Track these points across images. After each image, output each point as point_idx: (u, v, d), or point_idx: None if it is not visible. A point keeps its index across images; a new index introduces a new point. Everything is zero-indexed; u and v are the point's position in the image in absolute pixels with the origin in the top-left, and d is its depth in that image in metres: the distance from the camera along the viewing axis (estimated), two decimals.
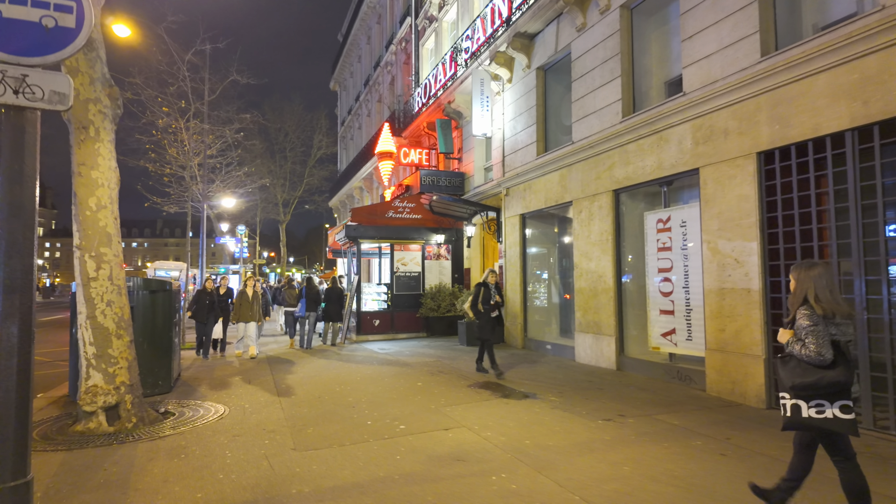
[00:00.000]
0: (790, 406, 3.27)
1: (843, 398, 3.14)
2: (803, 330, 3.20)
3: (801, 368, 3.20)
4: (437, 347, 12.51)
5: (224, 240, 36.42)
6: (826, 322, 3.18)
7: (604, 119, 9.52)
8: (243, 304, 11.37)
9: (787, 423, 3.31)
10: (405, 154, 17.46)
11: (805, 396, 3.19)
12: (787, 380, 3.25)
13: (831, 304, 3.20)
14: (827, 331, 3.16)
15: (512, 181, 12.56)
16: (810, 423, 3.19)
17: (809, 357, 3.14)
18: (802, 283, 3.31)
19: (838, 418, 3.12)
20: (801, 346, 3.20)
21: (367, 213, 14.80)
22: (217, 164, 20.61)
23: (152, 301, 8.00)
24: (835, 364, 3.14)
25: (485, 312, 9.21)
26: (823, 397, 3.16)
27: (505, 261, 12.93)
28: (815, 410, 3.17)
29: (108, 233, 6.30)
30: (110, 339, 6.19)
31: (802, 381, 3.17)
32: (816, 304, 3.21)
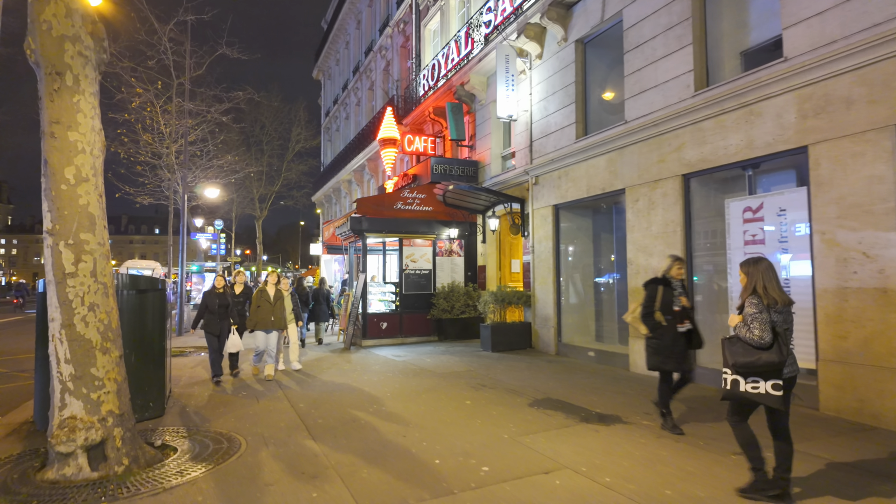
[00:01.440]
0: (730, 380, 3.80)
1: (775, 377, 3.64)
2: (750, 316, 3.69)
3: (744, 349, 3.69)
4: (459, 354, 11.13)
5: (198, 236, 34.33)
6: (769, 310, 3.69)
7: (669, 94, 8.29)
8: (262, 306, 8.88)
9: (726, 394, 3.85)
10: (409, 141, 16.02)
11: (744, 373, 3.71)
12: (731, 358, 3.76)
13: (775, 294, 3.71)
14: (769, 318, 3.66)
15: (542, 168, 11.26)
16: (745, 396, 3.73)
17: (752, 340, 3.63)
18: (752, 276, 3.81)
19: (769, 394, 3.65)
20: (746, 329, 3.68)
21: (374, 204, 13.34)
22: (197, 152, 18.83)
23: (141, 303, 6.44)
24: (772, 347, 3.62)
25: (668, 327, 5.61)
26: (759, 375, 3.67)
27: (532, 257, 11.63)
28: (751, 386, 3.70)
29: (91, 214, 4.77)
30: (93, 355, 4.67)
31: (744, 360, 3.67)
32: (763, 294, 3.71)
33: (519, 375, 8.72)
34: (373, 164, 22.90)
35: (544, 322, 11.15)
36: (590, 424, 5.82)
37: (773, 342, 3.64)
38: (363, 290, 12.84)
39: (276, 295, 9.06)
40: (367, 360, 10.64)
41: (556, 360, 10.12)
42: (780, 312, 3.73)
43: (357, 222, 12.97)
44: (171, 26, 13.96)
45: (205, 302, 8.82)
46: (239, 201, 41.48)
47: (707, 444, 5.08)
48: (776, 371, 3.65)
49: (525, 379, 8.43)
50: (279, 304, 9.01)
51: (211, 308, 8.65)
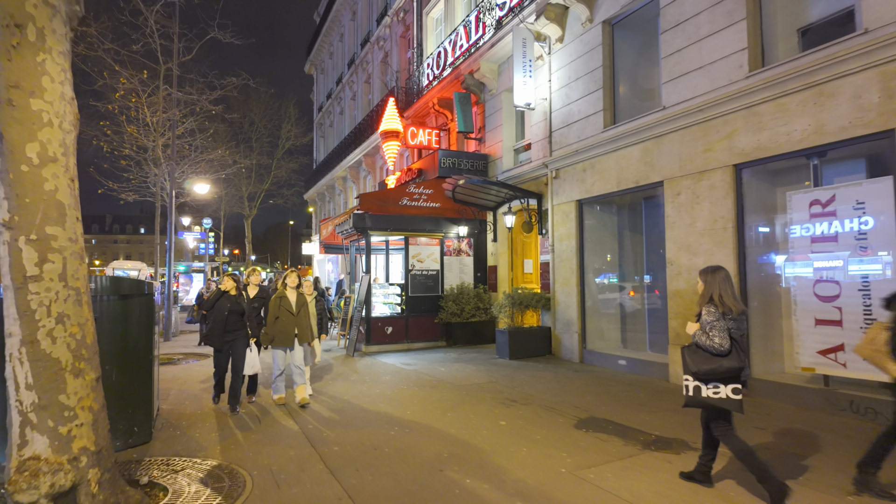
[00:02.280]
0: (692, 387, 3.94)
1: (734, 382, 3.81)
2: (708, 324, 3.85)
3: (704, 356, 3.85)
4: (474, 362, 10.25)
5: (185, 235, 33.12)
6: (725, 318, 3.84)
7: (716, 76, 7.47)
8: (283, 317, 6.92)
9: (688, 401, 3.98)
10: (413, 134, 15.11)
11: (705, 380, 3.87)
12: (693, 366, 3.89)
13: (732, 304, 3.86)
14: (726, 325, 3.82)
15: (563, 161, 10.42)
16: (707, 402, 3.87)
17: (712, 347, 3.78)
18: (710, 285, 3.96)
19: (730, 398, 3.80)
20: (706, 337, 3.84)
21: (378, 200, 12.41)
22: (186, 146, 17.77)
23: (124, 310, 5.49)
24: (731, 353, 3.79)
25: None
26: (720, 381, 3.83)
27: (552, 257, 10.78)
28: (713, 391, 3.85)
29: (60, 202, 3.83)
30: (63, 379, 3.72)
31: (706, 368, 3.82)
32: (719, 302, 3.87)
33: (548, 388, 7.85)
34: (370, 160, 21.96)
35: (566, 327, 10.30)
36: (656, 452, 4.96)
37: (731, 349, 3.78)
38: (367, 292, 11.92)
39: (299, 301, 7.06)
40: (375, 370, 9.72)
41: (584, 370, 9.27)
42: (735, 320, 3.87)
43: (360, 219, 12.04)
44: (158, 7, 12.93)
45: (212, 308, 6.87)
46: (227, 200, 40.27)
47: (811, 481, 4.24)
48: (736, 376, 3.79)
49: (557, 392, 7.56)
50: (303, 314, 7.04)
51: (219, 316, 6.75)
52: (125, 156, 17.19)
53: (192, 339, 15.48)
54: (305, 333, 7.09)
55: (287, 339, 6.94)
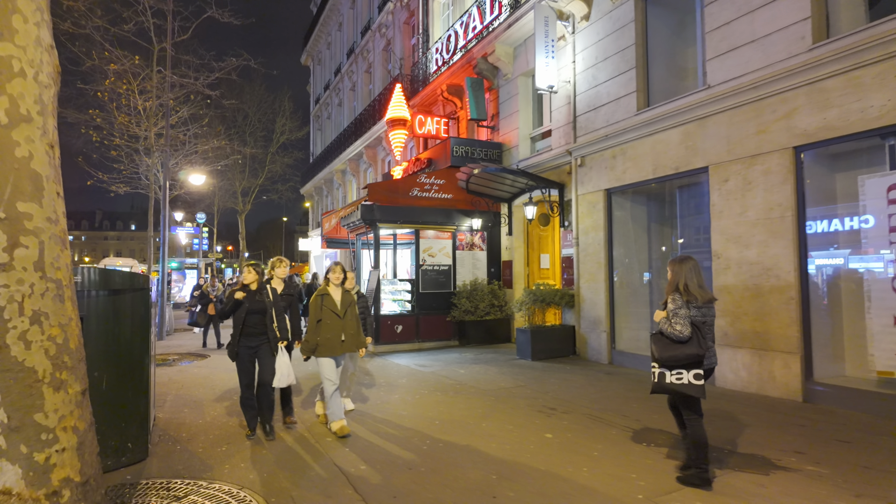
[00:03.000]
0: (657, 373, 4.01)
1: (696, 368, 3.88)
2: (672, 312, 3.94)
3: (667, 343, 3.94)
4: (494, 363, 9.54)
5: (178, 230, 32.22)
6: (689, 306, 3.93)
7: (772, 49, 6.78)
8: (327, 319, 5.45)
9: (654, 387, 4.05)
10: (420, 123, 14.35)
11: (669, 366, 3.94)
12: (657, 353, 3.97)
13: (697, 293, 3.95)
14: (689, 313, 3.91)
15: (589, 148, 9.71)
16: (671, 387, 3.94)
17: (673, 334, 3.88)
18: (677, 274, 4.04)
19: (692, 384, 3.87)
20: (668, 325, 3.93)
21: (387, 191, 11.66)
22: (181, 135, 16.91)
23: (116, 308, 4.72)
24: (692, 341, 3.86)
25: None
26: (683, 367, 3.89)
27: (576, 251, 10.08)
28: (675, 377, 3.91)
29: (36, 173, 3.06)
30: (40, 393, 2.97)
31: (668, 354, 3.90)
32: (684, 291, 3.96)
33: (584, 394, 7.15)
34: (371, 152, 21.18)
35: (593, 326, 9.60)
36: (741, 473, 4.26)
37: (691, 336, 3.86)
38: (376, 288, 11.17)
39: (345, 301, 5.57)
40: (389, 372, 8.99)
41: (615, 372, 8.58)
42: (700, 308, 3.97)
43: (368, 211, 11.29)
44: None
45: (228, 308, 5.48)
46: (220, 195, 39.31)
47: None
48: (697, 363, 3.88)
49: (596, 398, 6.86)
50: (350, 315, 5.57)
51: (237, 318, 5.43)
52: (115, 146, 16.34)
53: (188, 337, 14.68)
54: (354, 338, 5.61)
55: (333, 347, 5.45)
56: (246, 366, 5.47)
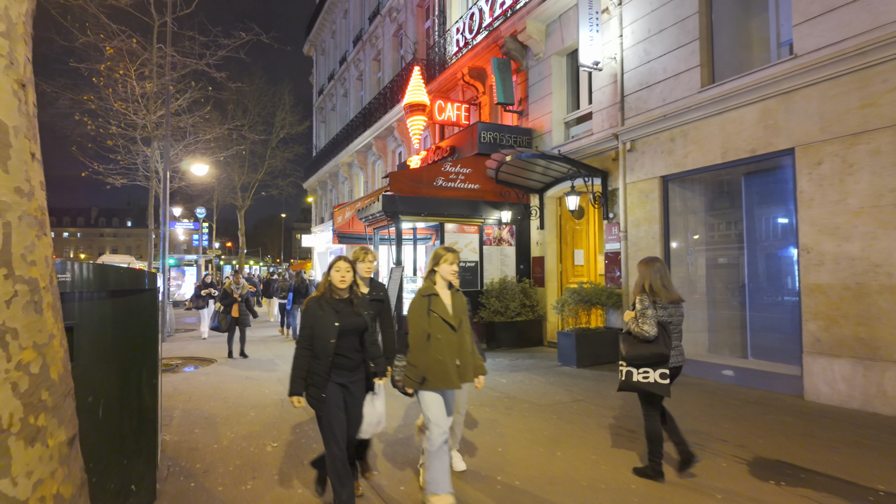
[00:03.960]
0: (625, 372, 4.06)
1: (662, 367, 3.93)
2: (639, 312, 3.99)
3: (634, 342, 4.00)
4: (537, 371, 8.56)
5: (176, 225, 31.16)
6: (655, 306, 3.97)
7: (883, 8, 5.80)
8: (438, 332, 3.58)
9: (622, 385, 4.09)
10: (440, 108, 13.35)
11: (636, 365, 3.99)
12: (625, 351, 4.04)
13: (661, 293, 4.00)
14: (655, 313, 3.95)
15: (641, 130, 8.73)
16: (638, 386, 3.99)
17: (640, 333, 3.94)
18: (643, 275, 4.10)
19: (658, 382, 3.92)
20: (636, 325, 3.98)
21: (410, 180, 10.65)
22: (181, 123, 15.87)
23: (117, 314, 3.72)
24: (658, 340, 3.91)
25: None
26: (649, 366, 3.95)
27: (624, 246, 9.10)
28: (642, 376, 3.96)
29: (3, 125, 2.06)
30: (4, 449, 1.98)
31: (635, 353, 3.98)
32: (651, 292, 4.01)
33: None
34: (381, 143, 20.16)
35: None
36: None
37: (658, 335, 3.92)
38: (399, 288, 10.18)
39: (457, 306, 3.73)
40: None
41: (680, 383, 7.60)
42: (666, 308, 4.02)
43: (390, 202, 10.29)
44: None
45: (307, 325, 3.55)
46: (220, 190, 38.24)
47: None
48: (663, 361, 3.93)
49: (676, 416, 5.88)
50: (464, 327, 3.72)
51: (323, 343, 3.49)
52: (112, 134, 15.29)
53: (190, 339, 13.67)
54: (471, 362, 3.76)
55: (447, 375, 3.58)
56: (336, 414, 3.49)
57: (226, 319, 10.31)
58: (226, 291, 10.44)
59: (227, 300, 10.35)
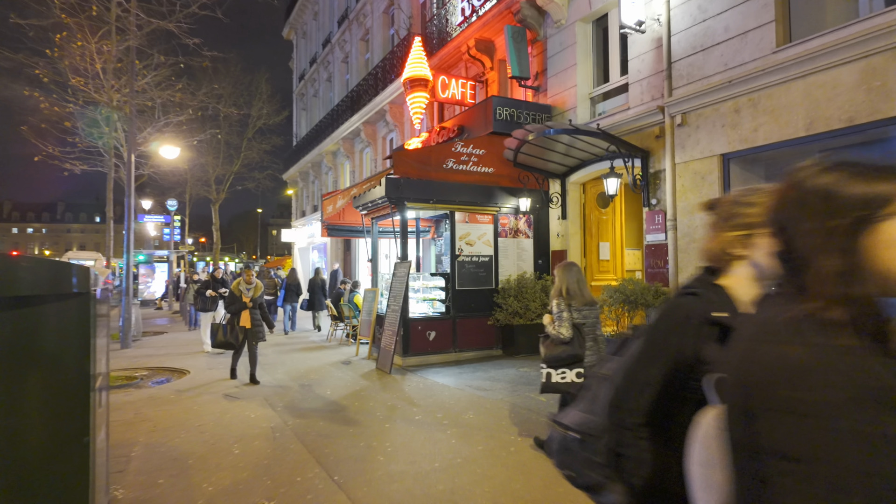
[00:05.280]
0: (545, 374, 4.23)
1: (578, 366, 4.11)
2: (555, 315, 4.18)
3: (551, 344, 4.19)
4: None
5: (146, 219, 29.14)
6: (571, 309, 4.15)
7: None
8: None
9: (542, 387, 4.27)
10: (444, 85, 11.92)
11: (554, 366, 4.16)
12: (544, 353, 4.25)
13: (577, 296, 4.19)
14: (570, 316, 4.13)
15: (696, 100, 7.45)
16: (557, 387, 4.17)
17: (556, 336, 4.14)
18: (560, 279, 4.28)
19: (575, 382, 4.09)
20: (553, 327, 4.19)
21: (418, 162, 9.22)
22: (148, 102, 14.16)
23: (20, 334, 2.23)
24: (572, 342, 4.11)
25: None
26: (565, 366, 4.12)
27: (674, 237, 7.82)
28: (560, 376, 4.14)
29: None
30: None
31: (552, 354, 4.17)
32: (567, 295, 4.19)
33: None
34: (370, 129, 18.63)
35: None
36: None
37: (572, 337, 4.10)
38: (405, 286, 8.75)
39: None
40: (441, 400, 6.61)
41: None
42: (581, 311, 4.17)
43: (395, 187, 8.85)
44: None
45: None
46: (193, 183, 36.12)
47: None
48: (578, 361, 4.11)
49: None
50: None
51: None
52: (69, 112, 13.53)
53: (159, 342, 12.03)
54: None
55: None
56: None
57: (227, 332, 7.71)
58: (233, 294, 7.88)
59: (234, 306, 7.82)
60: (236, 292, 7.88)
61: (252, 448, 4.97)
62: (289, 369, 8.78)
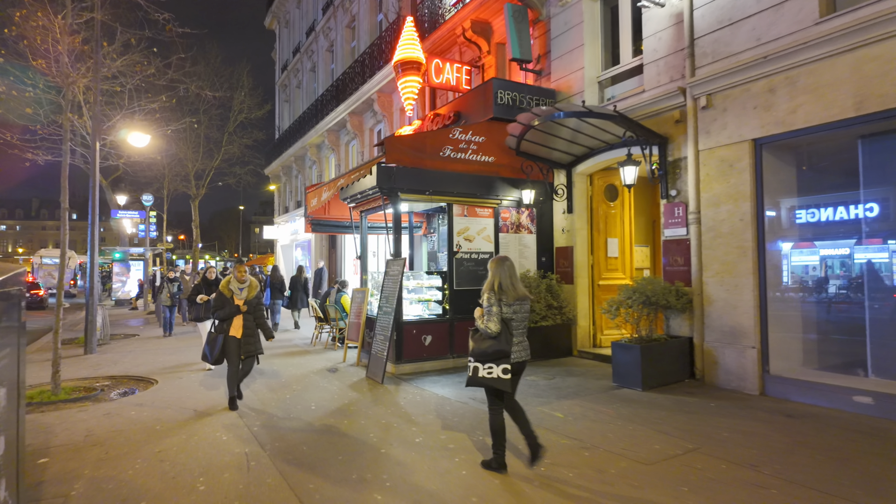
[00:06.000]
0: (472, 367, 4.16)
1: (504, 362, 4.07)
2: (486, 310, 4.11)
3: (480, 338, 4.15)
4: (590, 397, 6.47)
5: (120, 214, 27.86)
6: (501, 304, 4.09)
7: None
8: None
9: (469, 381, 4.19)
10: (438, 69, 11.07)
11: (481, 360, 4.11)
12: (471, 347, 4.18)
13: (509, 291, 4.12)
14: (500, 311, 4.08)
15: (723, 80, 6.71)
16: (483, 381, 4.10)
17: (484, 330, 4.09)
18: (493, 274, 4.22)
19: (500, 378, 4.05)
20: (482, 321, 4.13)
21: (412, 149, 8.36)
22: (118, 87, 13.10)
23: None
24: (500, 337, 4.05)
25: None
26: (492, 361, 4.07)
27: (697, 231, 7.08)
28: (487, 371, 4.08)
29: None
30: None
31: (478, 348, 4.11)
32: (499, 290, 4.13)
33: (824, 469, 4.16)
34: (357, 120, 17.72)
35: (730, 339, 6.64)
36: None
37: (500, 332, 4.05)
38: (399, 285, 7.90)
39: None
40: (442, 416, 5.79)
41: (796, 413, 5.62)
42: (511, 305, 4.11)
43: (386, 176, 8.00)
44: None
45: None
46: (171, 178, 34.79)
47: None
48: (504, 357, 4.06)
49: (862, 481, 3.88)
50: None
51: None
52: (29, 98, 12.42)
53: (128, 347, 11.03)
54: None
55: None
56: None
57: (217, 345, 6.24)
58: (221, 296, 6.30)
59: (223, 310, 6.29)
60: (226, 293, 6.28)
61: (221, 482, 4.11)
62: (269, 379, 7.89)
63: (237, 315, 6.29)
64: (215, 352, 6.24)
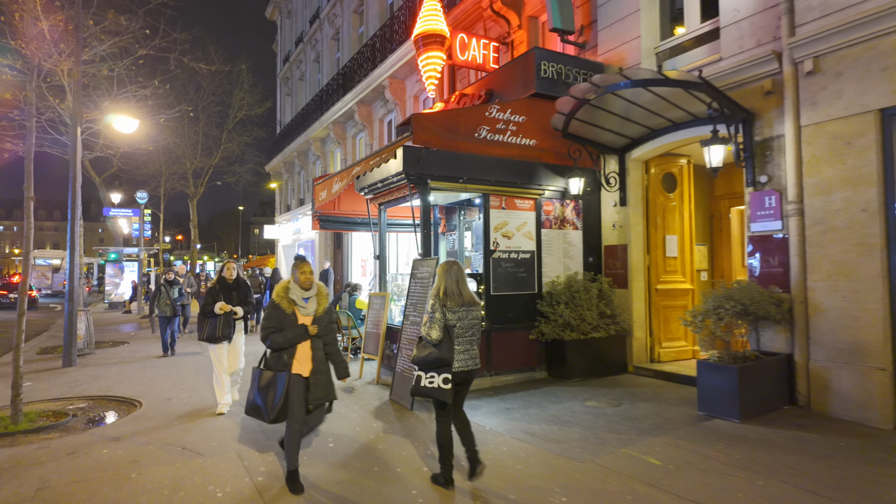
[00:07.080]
0: (415, 377, 3.95)
1: (445, 371, 3.85)
2: (427, 315, 3.93)
3: (422, 345, 3.91)
4: (675, 432, 5.19)
5: (112, 212, 26.58)
6: (445, 310, 3.89)
7: None
8: None
9: (412, 390, 3.98)
10: (463, 44, 9.79)
11: (423, 369, 3.89)
12: (414, 355, 3.94)
13: (455, 297, 3.94)
14: (443, 318, 3.88)
15: (835, 38, 5.42)
16: (424, 391, 3.88)
17: (426, 337, 3.89)
18: (439, 278, 4.03)
19: (441, 388, 3.83)
20: (425, 328, 3.91)
21: (443, 128, 7.08)
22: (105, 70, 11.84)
23: None
24: (440, 345, 3.85)
25: None
26: (434, 370, 3.86)
27: (799, 224, 5.79)
28: (428, 380, 3.87)
29: None
30: None
31: (420, 356, 3.87)
32: (444, 296, 3.93)
33: None
34: (365, 109, 16.44)
35: (847, 357, 5.35)
36: None
37: (441, 340, 3.84)
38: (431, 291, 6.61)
39: None
40: (497, 461, 4.49)
41: None
42: (455, 312, 3.91)
43: (415, 159, 6.72)
44: None
45: None
46: (168, 176, 33.48)
47: None
48: (444, 366, 3.84)
49: None
50: None
51: None
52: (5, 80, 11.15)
53: (115, 357, 9.71)
54: None
55: None
56: None
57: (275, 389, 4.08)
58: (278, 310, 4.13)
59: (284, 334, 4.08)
60: (284, 306, 4.11)
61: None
62: None
63: (304, 341, 4.11)
64: (276, 401, 3.95)
